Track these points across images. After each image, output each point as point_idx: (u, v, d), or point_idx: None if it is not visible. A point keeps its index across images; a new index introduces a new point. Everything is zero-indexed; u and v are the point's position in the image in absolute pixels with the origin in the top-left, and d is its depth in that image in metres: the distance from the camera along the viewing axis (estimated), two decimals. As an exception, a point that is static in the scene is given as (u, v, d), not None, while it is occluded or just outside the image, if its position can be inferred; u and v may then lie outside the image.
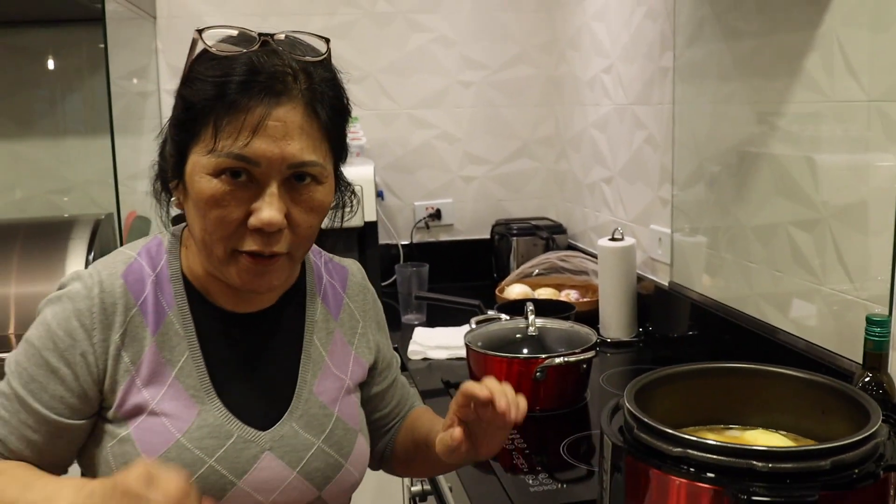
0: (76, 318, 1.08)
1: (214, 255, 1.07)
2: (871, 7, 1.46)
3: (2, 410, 1.09)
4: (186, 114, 1.05)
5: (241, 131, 1.01)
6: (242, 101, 1.02)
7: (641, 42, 2.38)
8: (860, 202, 1.52)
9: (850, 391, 1.08)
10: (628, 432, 1.03)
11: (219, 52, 1.05)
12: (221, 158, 1.02)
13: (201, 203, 1.04)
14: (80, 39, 2.86)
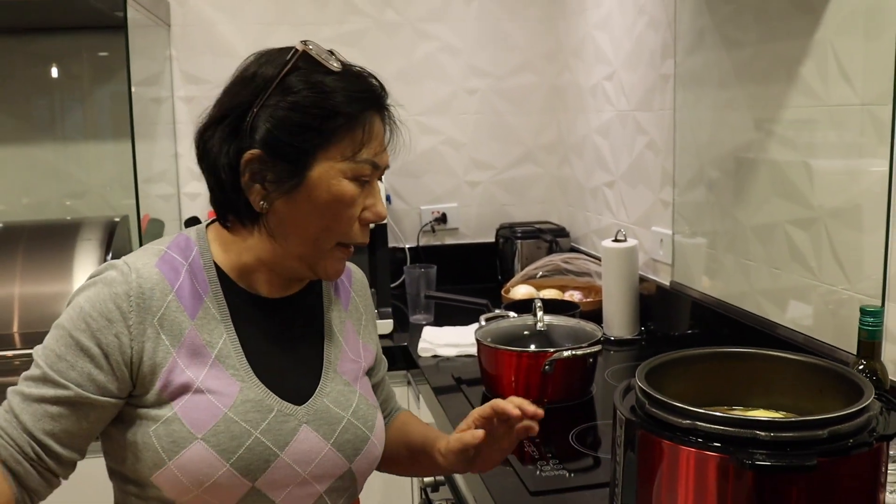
0: (112, 300, 1.12)
1: (324, 247, 1.18)
2: (863, 16, 1.54)
3: (30, 394, 1.12)
4: (319, 121, 1.13)
5: (377, 142, 1.18)
6: (378, 114, 1.19)
7: (643, 50, 2.46)
8: (854, 203, 1.60)
9: (846, 372, 1.16)
10: (640, 408, 1.11)
11: (334, 67, 1.16)
12: (362, 165, 1.16)
13: (337, 204, 1.15)
14: (96, 46, 2.94)
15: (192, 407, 1.14)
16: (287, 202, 1.15)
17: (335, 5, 3.05)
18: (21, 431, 1.11)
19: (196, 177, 2.98)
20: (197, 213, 2.99)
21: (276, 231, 1.18)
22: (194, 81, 3.00)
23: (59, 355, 1.12)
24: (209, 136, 1.18)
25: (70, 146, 2.98)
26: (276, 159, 1.14)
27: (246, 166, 1.14)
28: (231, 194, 1.17)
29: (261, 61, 1.19)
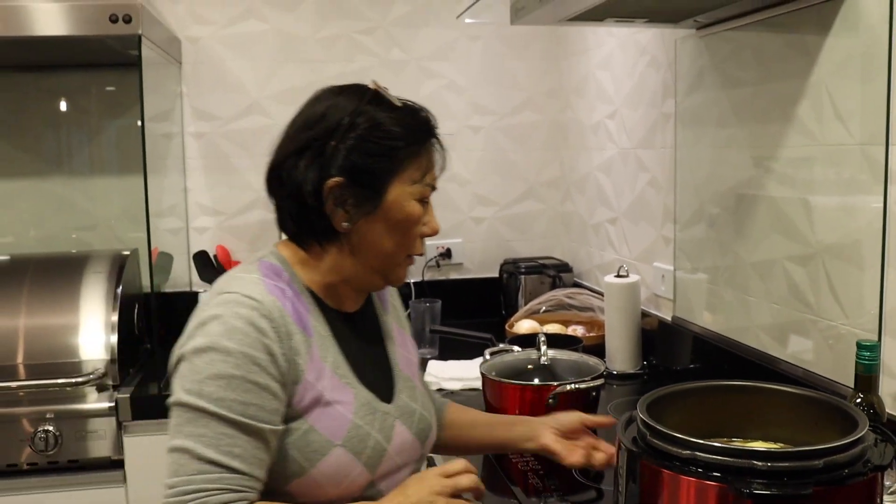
0: (258, 334, 1.19)
1: (397, 259, 1.34)
2: (856, 59, 1.59)
3: (234, 448, 1.15)
4: (392, 151, 1.27)
5: (436, 168, 1.35)
6: (434, 144, 1.34)
7: (644, 90, 2.52)
8: (850, 239, 1.64)
9: (841, 404, 1.19)
10: (642, 439, 1.14)
11: (398, 104, 1.30)
12: (426, 188, 1.33)
13: (408, 222, 1.31)
14: (105, 81, 3.00)
15: (324, 417, 1.25)
16: (367, 222, 1.30)
17: (342, 44, 3.12)
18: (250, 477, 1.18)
19: (205, 211, 3.06)
20: (204, 246, 3.03)
21: (354, 248, 1.32)
22: (204, 117, 3.06)
23: (246, 402, 1.17)
24: (290, 166, 1.30)
25: (79, 180, 3.03)
26: (356, 185, 1.27)
27: (329, 192, 1.27)
28: (314, 217, 1.29)
29: (332, 99, 1.31)
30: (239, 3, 3.04)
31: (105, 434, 2.30)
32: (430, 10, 3.17)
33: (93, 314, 2.50)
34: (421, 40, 3.18)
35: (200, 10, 3.02)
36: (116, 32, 2.27)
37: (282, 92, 3.10)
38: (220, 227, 3.12)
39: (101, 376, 2.36)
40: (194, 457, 1.14)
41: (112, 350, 2.42)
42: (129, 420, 2.32)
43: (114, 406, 2.30)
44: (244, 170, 3.11)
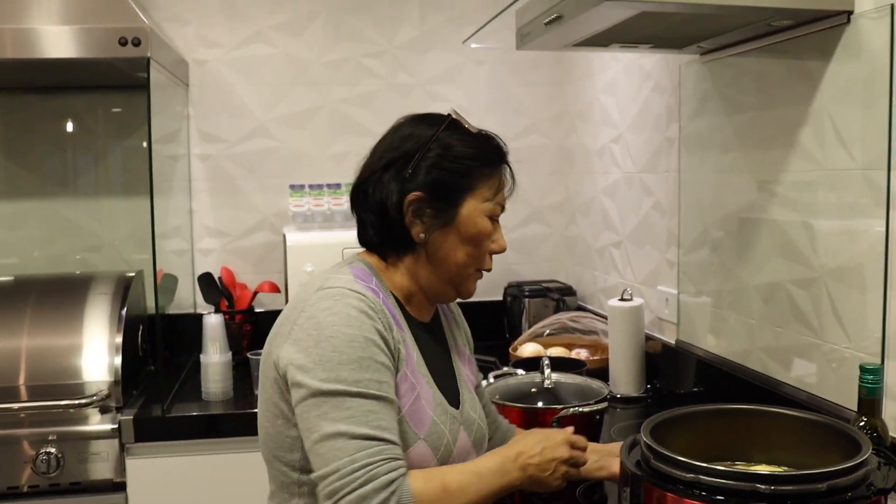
0: (370, 320, 1.29)
1: (467, 271, 1.44)
2: (858, 85, 1.60)
3: (381, 422, 1.24)
4: (467, 170, 1.40)
5: (506, 189, 1.48)
6: (504, 167, 1.47)
7: (648, 114, 2.53)
8: (853, 263, 1.64)
9: (844, 427, 1.19)
10: (645, 463, 1.14)
11: (473, 131, 1.44)
12: (496, 206, 1.44)
13: (480, 236, 1.41)
14: (111, 102, 3.02)
15: (415, 409, 1.35)
16: (441, 234, 1.40)
17: (349, 68, 3.14)
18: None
19: (210, 233, 3.07)
20: (209, 268, 3.04)
21: (430, 258, 1.42)
22: (210, 140, 3.08)
23: (379, 380, 1.27)
24: (375, 180, 1.42)
25: (84, 201, 3.04)
26: (434, 199, 1.39)
27: (409, 205, 1.39)
28: (395, 228, 1.41)
29: (415, 123, 1.45)
30: (247, 27, 3.07)
31: (107, 456, 2.30)
32: (437, 35, 3.19)
33: (97, 335, 2.50)
34: (427, 64, 3.20)
35: (208, 34, 3.04)
36: (125, 55, 2.29)
37: (288, 115, 3.12)
38: (225, 248, 3.13)
39: (104, 398, 2.36)
40: (350, 437, 1.20)
41: (115, 371, 2.43)
42: (131, 442, 2.32)
43: (116, 428, 2.30)
44: (249, 192, 3.12)
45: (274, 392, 1.34)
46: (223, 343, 2.52)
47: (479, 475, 1.29)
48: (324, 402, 1.22)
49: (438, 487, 1.23)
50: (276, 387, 1.33)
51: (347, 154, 3.16)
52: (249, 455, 2.38)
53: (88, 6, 2.36)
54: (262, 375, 1.40)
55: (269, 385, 1.36)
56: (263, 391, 1.39)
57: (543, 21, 1.78)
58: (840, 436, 1.19)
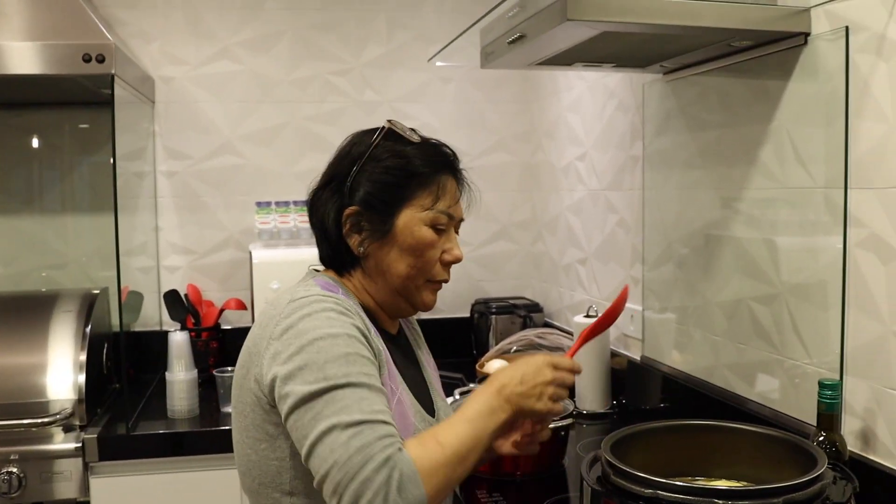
0: (350, 320, 1.28)
1: (413, 284, 1.41)
2: (815, 105, 1.63)
3: (374, 406, 1.20)
4: (402, 181, 1.38)
5: (450, 196, 1.42)
6: (451, 175, 1.43)
7: (613, 132, 2.55)
8: (813, 280, 1.66)
9: (801, 442, 1.21)
10: (606, 479, 1.15)
11: (413, 139, 1.41)
12: (439, 214, 1.39)
13: (420, 246, 1.38)
14: (78, 118, 3.00)
15: (398, 415, 1.32)
16: (381, 246, 1.39)
17: (316, 85, 3.14)
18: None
19: (176, 250, 3.06)
20: (175, 285, 3.03)
21: (373, 272, 1.41)
22: (176, 157, 3.07)
23: (367, 373, 1.24)
24: (318, 197, 1.43)
25: (50, 217, 3.02)
26: (369, 212, 1.38)
27: (346, 219, 1.39)
28: (337, 244, 1.41)
29: (357, 138, 1.45)
30: (213, 44, 3.07)
31: (71, 475, 2.28)
32: (403, 53, 3.21)
33: (61, 353, 2.48)
34: (394, 82, 3.21)
35: (174, 51, 3.04)
36: (89, 72, 2.28)
37: (254, 132, 3.12)
38: (192, 266, 3.11)
39: (67, 416, 2.34)
40: (344, 426, 1.16)
41: (79, 389, 2.40)
42: (95, 461, 2.30)
43: (80, 447, 2.28)
44: (216, 209, 3.11)
45: (256, 415, 1.30)
46: (189, 360, 2.51)
47: (469, 420, 1.24)
48: (315, 403, 1.19)
49: (435, 445, 1.19)
50: (259, 408, 1.29)
51: (314, 171, 3.10)
52: (215, 473, 2.38)
53: (52, 23, 2.35)
54: (239, 402, 1.36)
55: (248, 410, 1.32)
56: (241, 418, 1.34)
57: (507, 40, 1.79)
58: (798, 451, 1.20)
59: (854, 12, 1.54)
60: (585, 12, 1.50)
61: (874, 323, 1.52)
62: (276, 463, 1.29)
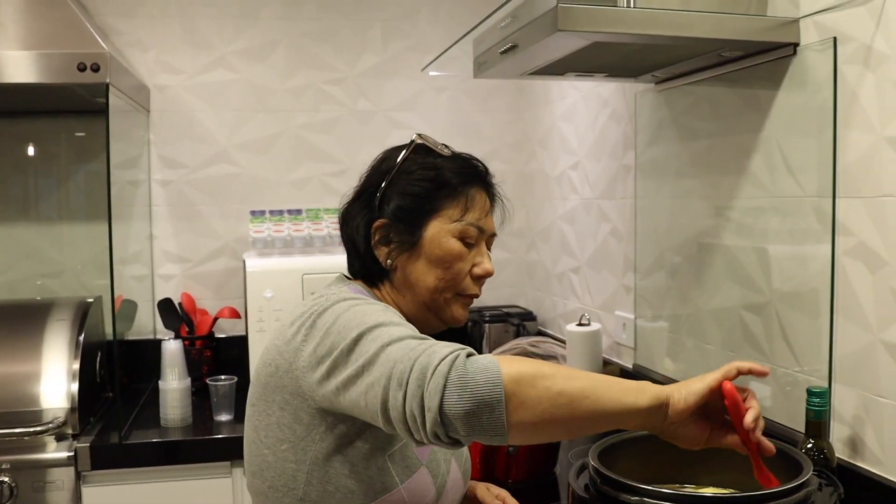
0: (392, 312, 1.26)
1: (442, 297, 1.39)
2: (804, 115, 1.65)
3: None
4: (430, 192, 1.37)
5: (479, 209, 1.42)
6: (482, 188, 1.44)
7: (606, 142, 2.57)
8: (802, 288, 1.67)
9: (788, 450, 1.21)
10: (593, 486, 1.15)
11: (444, 153, 1.42)
12: (468, 226, 1.39)
13: (448, 258, 1.37)
14: (74, 127, 3.01)
15: None
16: (409, 259, 1.38)
17: (310, 94, 3.16)
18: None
19: (171, 258, 3.06)
20: (170, 294, 3.03)
21: (401, 285, 1.40)
22: (171, 165, 3.08)
23: (407, 325, 1.21)
24: (348, 211, 1.44)
25: (46, 226, 3.02)
26: (398, 224, 1.38)
27: (375, 231, 1.39)
28: (366, 257, 1.41)
29: (388, 153, 1.44)
30: (208, 53, 3.08)
31: (63, 485, 2.28)
32: (398, 62, 3.22)
33: (54, 362, 2.48)
34: (388, 91, 3.22)
35: (170, 59, 3.05)
36: (84, 81, 2.28)
37: (249, 141, 3.13)
38: (186, 274, 3.12)
39: (60, 425, 2.33)
40: (402, 338, 1.12)
41: (72, 398, 2.40)
42: (88, 470, 2.29)
43: (73, 456, 2.28)
44: (210, 217, 3.12)
45: (286, 413, 1.27)
46: (182, 369, 2.51)
47: (598, 379, 1.08)
48: (357, 345, 1.14)
49: (531, 364, 1.07)
50: (290, 407, 1.26)
51: (308, 180, 3.17)
52: (209, 482, 2.38)
53: (48, 32, 2.36)
54: (261, 400, 1.32)
55: (275, 409, 1.28)
56: (263, 417, 1.30)
57: (499, 50, 1.80)
58: (785, 458, 1.21)
59: (842, 23, 1.55)
60: (576, 23, 1.51)
61: (862, 331, 1.53)
62: (294, 466, 1.26)
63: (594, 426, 1.08)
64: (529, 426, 1.03)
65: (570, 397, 1.03)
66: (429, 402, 1.02)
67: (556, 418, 1.03)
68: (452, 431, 1.03)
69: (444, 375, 1.03)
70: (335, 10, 3.16)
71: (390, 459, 1.27)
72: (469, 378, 1.02)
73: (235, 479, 2.40)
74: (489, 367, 1.03)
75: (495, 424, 1.01)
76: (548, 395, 1.03)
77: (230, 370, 2.70)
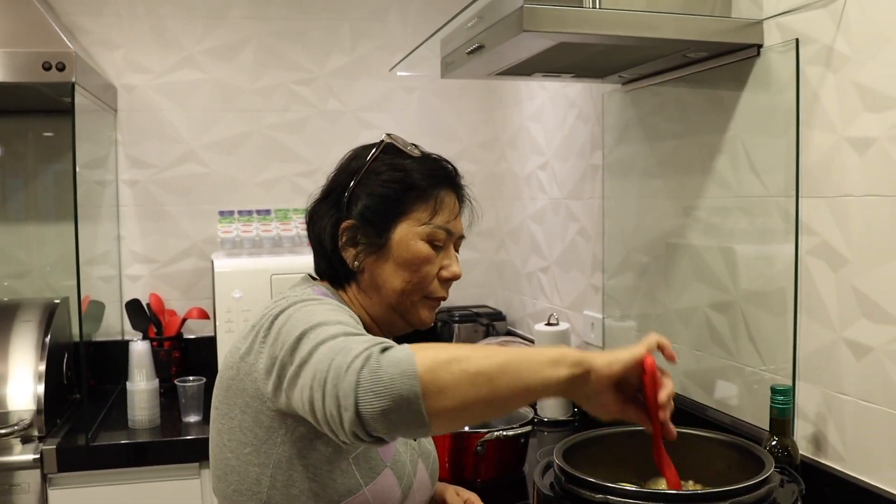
0: (346, 311, 1.26)
1: (409, 300, 1.38)
2: (768, 115, 1.66)
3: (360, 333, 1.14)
4: (398, 194, 1.36)
5: (448, 211, 1.40)
6: (451, 190, 1.42)
7: (574, 142, 2.58)
8: (767, 287, 1.69)
9: (750, 447, 1.23)
10: (557, 484, 1.16)
11: (413, 153, 1.40)
12: (436, 229, 1.37)
13: (415, 261, 1.36)
14: (41, 127, 2.97)
15: None
16: (377, 261, 1.37)
17: (280, 94, 3.15)
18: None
19: (139, 259, 3.04)
20: (137, 295, 3.01)
21: (368, 287, 1.39)
22: (139, 165, 3.06)
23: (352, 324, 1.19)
24: (315, 210, 1.43)
25: (12, 226, 2.99)
26: (366, 226, 1.36)
27: (342, 233, 1.38)
28: (333, 258, 1.40)
29: (357, 152, 1.43)
30: (176, 52, 3.06)
31: (29, 487, 2.25)
32: (367, 63, 3.22)
33: (20, 364, 2.46)
34: (357, 91, 3.22)
35: (137, 59, 3.03)
36: (50, 80, 2.26)
37: (218, 141, 3.11)
38: (154, 275, 3.10)
39: (25, 427, 2.31)
40: (330, 338, 1.10)
41: (38, 400, 2.38)
42: (54, 472, 2.27)
43: (38, 458, 2.25)
44: (178, 218, 3.10)
45: (247, 417, 1.25)
46: (150, 370, 2.49)
47: (512, 353, 1.06)
48: (299, 344, 1.13)
49: (444, 349, 1.05)
50: (251, 410, 1.25)
51: (277, 180, 3.16)
52: (177, 483, 2.37)
53: (12, 30, 2.33)
54: (223, 404, 1.30)
55: (237, 412, 1.27)
56: (226, 420, 1.29)
57: (466, 50, 1.81)
58: (748, 455, 1.22)
59: (804, 25, 1.57)
60: (541, 23, 1.52)
61: (825, 329, 1.55)
62: (257, 470, 1.25)
63: (518, 402, 1.06)
64: (452, 412, 1.01)
65: (488, 376, 1.01)
66: (344, 401, 1.00)
67: (479, 399, 1.01)
68: (372, 430, 1.01)
69: (357, 373, 1.00)
70: (304, 10, 3.15)
71: (354, 462, 1.26)
72: (383, 373, 1.00)
73: (204, 480, 2.38)
74: (403, 359, 1.01)
75: (416, 417, 0.99)
76: (465, 377, 1.01)
77: (199, 371, 2.68)
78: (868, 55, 1.43)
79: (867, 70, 1.43)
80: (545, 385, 1.04)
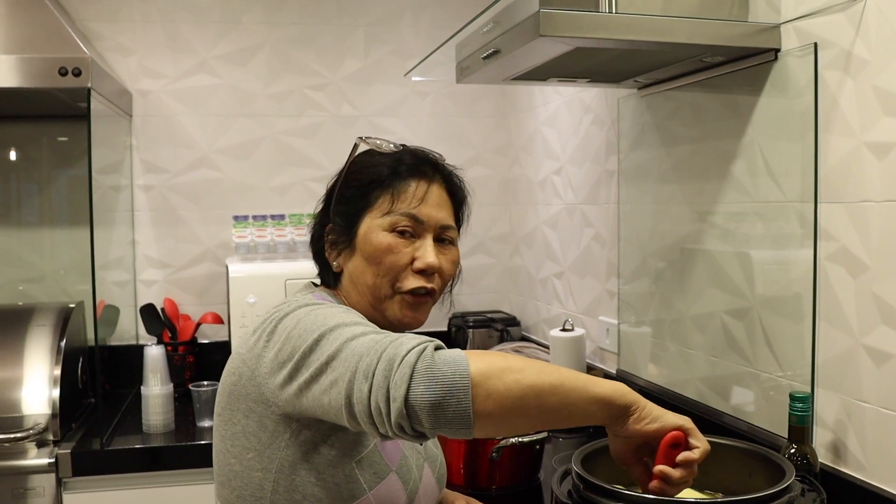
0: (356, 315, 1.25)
1: (382, 294, 1.35)
2: (786, 120, 1.65)
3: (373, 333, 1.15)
4: (363, 190, 1.37)
5: (412, 198, 1.35)
6: (412, 177, 1.37)
7: (589, 147, 2.57)
8: (784, 293, 1.68)
9: (771, 455, 1.22)
10: (575, 492, 1.15)
11: (386, 150, 1.39)
12: (398, 217, 1.34)
13: (378, 252, 1.33)
14: (56, 132, 2.99)
15: (386, 442, 1.29)
16: (349, 259, 1.38)
17: (293, 99, 3.15)
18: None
19: (153, 264, 3.05)
20: (152, 299, 3.02)
21: (349, 285, 1.39)
22: (153, 170, 3.06)
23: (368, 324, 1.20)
24: (314, 220, 1.47)
25: (28, 231, 3.00)
26: (338, 226, 1.39)
27: (326, 236, 1.41)
28: (322, 262, 1.44)
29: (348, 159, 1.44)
30: (191, 58, 3.07)
31: (44, 491, 2.26)
32: (381, 68, 3.22)
33: (35, 368, 2.46)
34: (371, 96, 3.22)
35: (152, 64, 3.04)
36: (66, 85, 2.27)
37: (232, 146, 3.12)
38: (168, 279, 3.10)
39: (40, 431, 2.32)
40: (361, 335, 1.12)
41: (53, 404, 2.39)
42: (69, 476, 2.28)
43: (53, 462, 2.26)
44: (193, 223, 3.11)
45: (250, 422, 1.24)
46: (164, 374, 2.50)
47: (566, 373, 1.08)
48: (318, 345, 1.13)
49: (499, 358, 1.06)
50: (254, 414, 1.24)
51: (291, 185, 3.16)
52: (191, 488, 2.37)
53: (29, 36, 2.34)
54: (226, 409, 1.29)
55: (240, 417, 1.26)
56: (229, 426, 1.28)
57: (481, 55, 1.80)
58: (768, 463, 1.21)
59: (822, 29, 1.56)
60: (558, 28, 1.51)
61: (844, 336, 1.53)
62: (260, 475, 1.24)
63: (558, 423, 1.09)
64: (496, 418, 1.03)
65: (538, 392, 1.04)
66: (394, 392, 1.02)
67: (524, 412, 1.04)
68: (417, 423, 1.02)
69: (412, 366, 1.02)
70: (317, 16, 3.16)
71: (358, 466, 1.25)
72: (436, 369, 1.02)
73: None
74: (457, 359, 1.04)
75: (462, 417, 1.01)
76: (517, 388, 1.03)
77: (213, 376, 2.67)
78: (887, 59, 1.42)
79: (886, 74, 1.42)
80: (585, 417, 1.09)
